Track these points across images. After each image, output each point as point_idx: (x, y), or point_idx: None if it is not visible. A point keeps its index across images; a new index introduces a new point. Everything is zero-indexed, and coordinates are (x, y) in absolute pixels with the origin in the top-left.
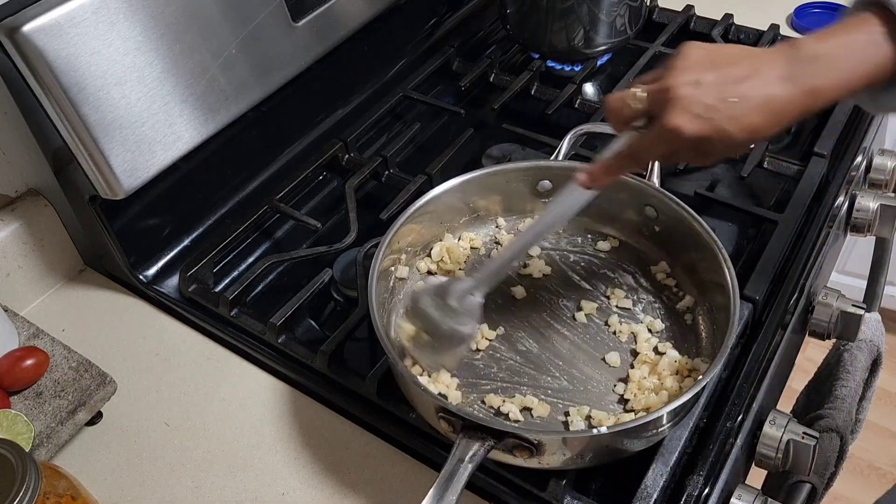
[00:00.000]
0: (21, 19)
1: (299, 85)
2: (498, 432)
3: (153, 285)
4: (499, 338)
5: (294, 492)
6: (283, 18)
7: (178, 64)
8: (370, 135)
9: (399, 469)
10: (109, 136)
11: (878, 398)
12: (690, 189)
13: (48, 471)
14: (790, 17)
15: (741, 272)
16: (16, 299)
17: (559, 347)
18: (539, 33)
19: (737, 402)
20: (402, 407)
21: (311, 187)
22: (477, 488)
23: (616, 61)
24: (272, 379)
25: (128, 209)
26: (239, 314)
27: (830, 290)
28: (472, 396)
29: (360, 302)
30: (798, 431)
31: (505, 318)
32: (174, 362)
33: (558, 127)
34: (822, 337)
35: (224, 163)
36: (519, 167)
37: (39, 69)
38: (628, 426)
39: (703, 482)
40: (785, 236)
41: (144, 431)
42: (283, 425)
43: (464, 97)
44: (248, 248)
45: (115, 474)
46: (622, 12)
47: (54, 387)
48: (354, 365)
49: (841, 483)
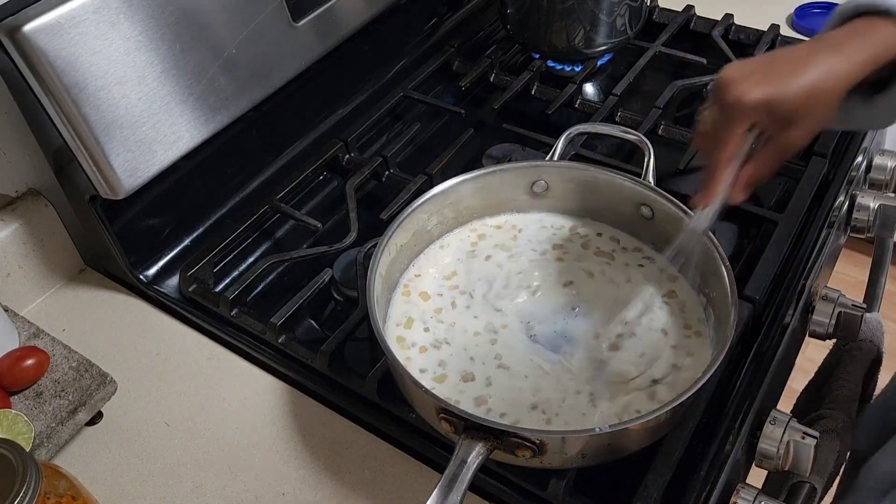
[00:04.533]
0: (22, 19)
1: (299, 85)
2: (500, 432)
3: (153, 285)
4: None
5: (294, 492)
6: (284, 18)
7: (179, 64)
8: (370, 135)
9: (399, 469)
10: (110, 135)
11: None
12: (691, 189)
13: (48, 471)
14: (790, 17)
15: (741, 272)
16: (16, 299)
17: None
18: (539, 33)
19: (737, 402)
20: (402, 407)
21: (312, 187)
22: (477, 488)
23: (616, 61)
24: (272, 379)
25: (128, 209)
26: (239, 314)
27: (830, 290)
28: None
29: (361, 302)
30: (798, 431)
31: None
32: (174, 362)
33: (558, 127)
34: (822, 337)
35: (224, 163)
36: (519, 167)
37: (40, 69)
38: (628, 425)
39: (703, 482)
40: (785, 236)
41: (144, 431)
42: (283, 425)
43: (464, 97)
44: (248, 248)
45: (115, 474)
46: (622, 12)
47: (54, 387)
48: (354, 365)
49: None
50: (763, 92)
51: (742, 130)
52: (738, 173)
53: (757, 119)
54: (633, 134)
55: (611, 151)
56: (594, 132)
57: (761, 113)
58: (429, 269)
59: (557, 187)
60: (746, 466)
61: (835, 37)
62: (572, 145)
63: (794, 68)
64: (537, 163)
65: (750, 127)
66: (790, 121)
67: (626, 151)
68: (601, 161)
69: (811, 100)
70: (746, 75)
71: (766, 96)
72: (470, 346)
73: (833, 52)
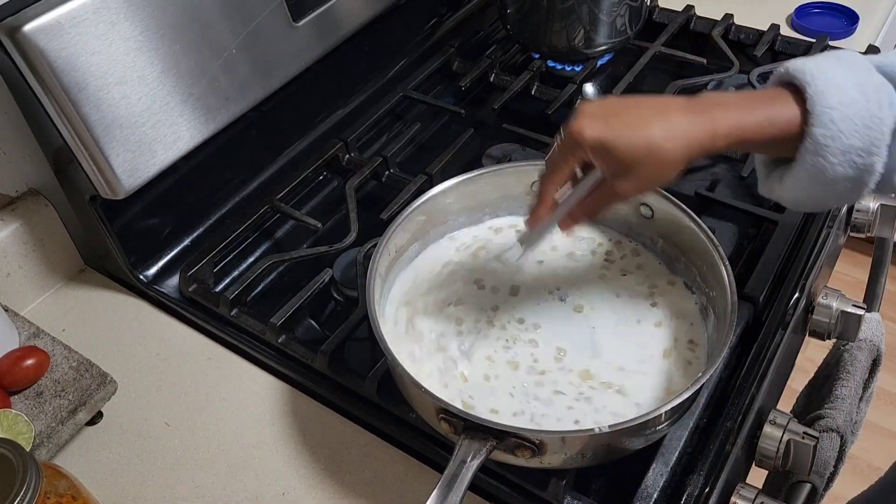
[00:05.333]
0: (22, 19)
1: (299, 85)
2: (500, 432)
3: (153, 285)
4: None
5: (294, 491)
6: (284, 18)
7: (179, 64)
8: (370, 135)
9: (399, 469)
10: (110, 135)
11: (878, 398)
12: (691, 189)
13: (49, 470)
14: (790, 17)
15: (741, 272)
16: (16, 299)
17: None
18: (539, 33)
19: (737, 402)
20: (402, 407)
21: (312, 187)
22: (477, 488)
23: (616, 61)
24: (272, 379)
25: (128, 209)
26: (239, 314)
27: (830, 290)
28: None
29: (360, 302)
30: (798, 431)
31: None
32: (174, 362)
33: (559, 127)
34: (822, 337)
35: (224, 163)
36: (519, 167)
37: (40, 69)
38: (628, 425)
39: (703, 482)
40: (785, 236)
41: (145, 431)
42: (283, 425)
43: (464, 97)
44: (248, 248)
45: (116, 474)
46: (622, 12)
47: (55, 386)
48: (354, 365)
49: (841, 483)
50: (600, 133)
51: (572, 163)
52: (573, 205)
53: (589, 158)
54: None
55: None
56: None
57: (594, 153)
58: (429, 268)
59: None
60: (746, 466)
61: (713, 99)
62: None
63: (639, 120)
64: (537, 163)
65: (585, 165)
66: (624, 170)
67: None
68: None
69: (647, 155)
70: (596, 113)
71: (601, 138)
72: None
73: (695, 113)
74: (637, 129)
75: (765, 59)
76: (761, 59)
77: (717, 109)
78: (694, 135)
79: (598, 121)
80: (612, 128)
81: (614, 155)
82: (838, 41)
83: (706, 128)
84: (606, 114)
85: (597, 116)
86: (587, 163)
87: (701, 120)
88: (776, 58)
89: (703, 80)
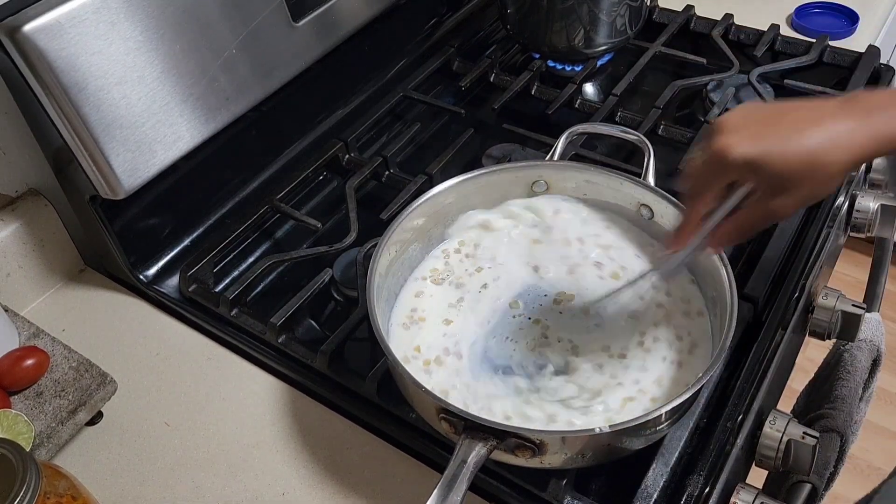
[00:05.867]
0: (22, 19)
1: (299, 85)
2: (500, 432)
3: (153, 285)
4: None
5: (294, 492)
6: (284, 18)
7: (179, 64)
8: (370, 135)
9: (399, 469)
10: (110, 135)
11: (878, 398)
12: None
13: (48, 470)
14: (790, 17)
15: (741, 272)
16: (16, 299)
17: None
18: (539, 33)
19: (737, 402)
20: (402, 407)
21: (312, 187)
22: (477, 488)
23: (616, 61)
24: (272, 379)
25: (128, 209)
26: (239, 314)
27: (830, 290)
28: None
29: (361, 302)
30: (798, 431)
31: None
32: (174, 362)
33: (558, 127)
34: (822, 337)
35: (224, 163)
36: (519, 167)
37: (40, 69)
38: (628, 425)
39: (703, 482)
40: (785, 236)
41: (144, 431)
42: (283, 425)
43: (464, 97)
44: (248, 248)
45: (115, 474)
46: (622, 12)
47: (55, 387)
48: (354, 365)
49: (841, 483)
50: (751, 149)
51: (722, 184)
52: (719, 225)
53: (740, 177)
54: (633, 134)
55: (611, 151)
56: (594, 132)
57: (746, 171)
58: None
59: (557, 187)
60: (746, 466)
61: (869, 99)
62: (572, 145)
63: (795, 129)
64: (537, 163)
65: (732, 182)
66: (780, 187)
67: (626, 151)
68: (601, 161)
69: (807, 169)
70: (742, 126)
71: (752, 155)
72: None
73: (854, 118)
74: (792, 140)
75: (765, 59)
76: (761, 59)
77: (877, 112)
78: (857, 142)
79: (746, 135)
80: (763, 141)
81: (769, 172)
82: (838, 41)
83: (870, 134)
84: (754, 124)
85: (743, 129)
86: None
87: (862, 125)
88: (776, 58)
89: (703, 80)
